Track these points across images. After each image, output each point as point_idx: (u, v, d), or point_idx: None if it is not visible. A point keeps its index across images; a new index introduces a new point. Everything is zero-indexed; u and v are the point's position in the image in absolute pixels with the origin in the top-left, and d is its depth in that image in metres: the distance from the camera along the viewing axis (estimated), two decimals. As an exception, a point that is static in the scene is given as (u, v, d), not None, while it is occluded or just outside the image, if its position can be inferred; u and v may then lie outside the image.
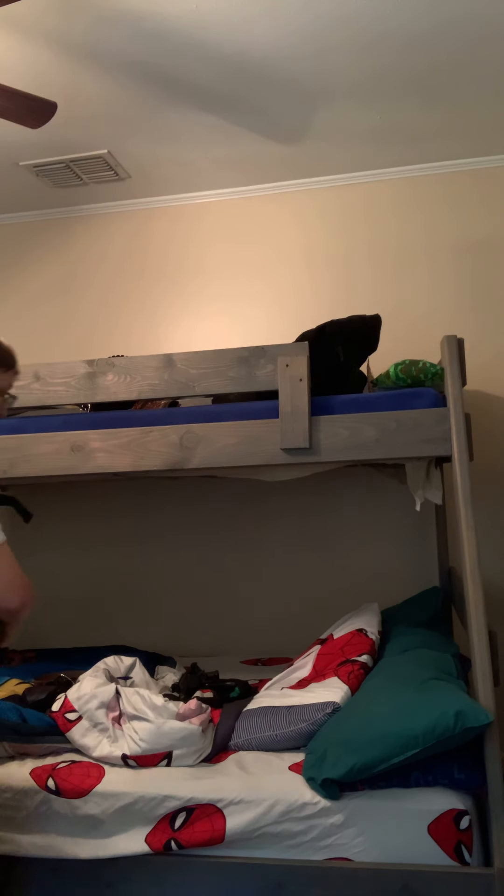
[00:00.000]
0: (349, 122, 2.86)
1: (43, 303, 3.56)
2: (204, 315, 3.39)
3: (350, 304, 3.09)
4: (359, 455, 2.16)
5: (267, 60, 2.45)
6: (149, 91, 2.62)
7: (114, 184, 3.32)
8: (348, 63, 2.48)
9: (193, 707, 1.93)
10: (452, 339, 2.17)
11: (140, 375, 2.28)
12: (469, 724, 1.63)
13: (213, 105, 2.71)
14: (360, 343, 2.49)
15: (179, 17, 2.23)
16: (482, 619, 1.90)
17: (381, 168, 3.25)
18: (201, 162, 3.14)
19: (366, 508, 3.15)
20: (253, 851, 1.69)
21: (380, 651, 2.30)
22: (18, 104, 2.29)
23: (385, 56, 2.44)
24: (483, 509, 2.94)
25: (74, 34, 2.30)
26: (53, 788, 1.80)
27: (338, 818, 1.66)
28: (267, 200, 3.39)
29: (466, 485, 2.03)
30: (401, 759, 1.63)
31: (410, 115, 2.83)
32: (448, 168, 3.22)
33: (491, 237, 3.17)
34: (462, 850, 1.62)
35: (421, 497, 2.50)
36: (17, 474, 2.35)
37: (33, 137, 2.83)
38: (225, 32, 2.31)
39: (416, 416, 2.12)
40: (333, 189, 3.33)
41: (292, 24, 2.27)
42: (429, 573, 3.01)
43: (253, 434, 2.19)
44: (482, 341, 3.08)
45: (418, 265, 3.23)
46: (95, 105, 2.70)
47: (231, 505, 3.27)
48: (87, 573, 3.37)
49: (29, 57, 2.41)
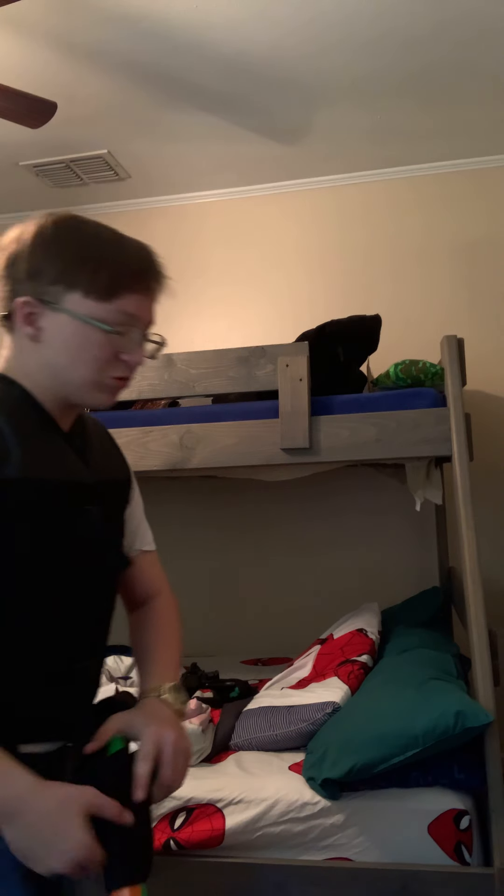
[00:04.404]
0: (348, 122, 2.86)
1: (43, 303, 3.55)
2: (204, 315, 3.38)
3: (349, 304, 3.09)
4: (359, 455, 2.16)
5: (267, 60, 2.45)
6: (149, 91, 2.62)
7: (114, 184, 3.32)
8: (347, 63, 2.48)
9: (193, 707, 1.92)
10: (452, 338, 2.17)
11: (140, 375, 2.28)
12: (469, 724, 1.63)
13: (213, 105, 2.71)
14: (360, 343, 2.49)
15: (179, 17, 2.23)
16: (482, 619, 1.90)
17: (380, 168, 3.25)
18: (201, 162, 3.14)
19: (366, 508, 3.15)
20: (253, 851, 1.69)
21: (380, 651, 2.30)
22: (18, 104, 2.29)
23: (383, 56, 2.44)
24: (483, 509, 2.93)
25: (75, 34, 2.30)
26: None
27: (338, 818, 1.66)
28: (267, 200, 3.39)
29: (466, 485, 2.03)
30: (401, 759, 1.62)
31: (409, 116, 2.83)
32: (447, 168, 3.22)
33: (490, 236, 3.17)
34: (462, 850, 1.62)
35: (421, 497, 2.50)
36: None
37: (33, 137, 2.83)
38: (225, 32, 2.30)
39: (416, 416, 2.12)
40: (333, 189, 3.33)
41: (292, 24, 2.27)
42: (429, 573, 3.01)
43: (253, 434, 2.19)
44: (482, 341, 3.08)
45: (418, 264, 3.22)
46: (95, 105, 2.70)
47: (231, 505, 3.27)
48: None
49: (29, 57, 2.41)
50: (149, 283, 1.00)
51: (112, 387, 1.00)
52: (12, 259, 0.97)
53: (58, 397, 0.99)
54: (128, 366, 1.00)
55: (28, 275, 0.95)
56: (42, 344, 0.97)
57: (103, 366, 0.97)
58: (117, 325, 0.96)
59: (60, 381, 0.98)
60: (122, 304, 0.97)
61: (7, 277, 0.97)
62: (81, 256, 0.96)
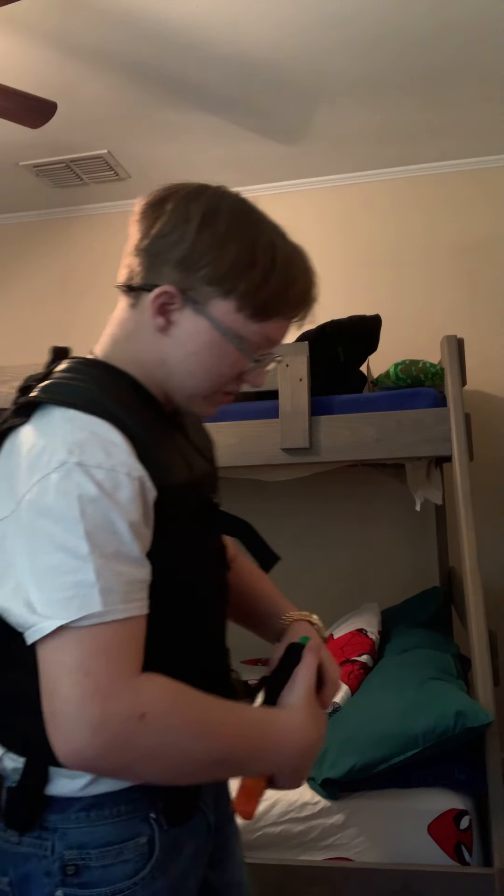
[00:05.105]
0: (349, 123, 2.86)
1: (43, 303, 3.56)
2: (204, 315, 3.38)
3: (349, 304, 3.08)
4: (359, 455, 2.16)
5: (267, 60, 2.45)
6: (149, 91, 2.62)
7: (114, 184, 3.32)
8: (348, 63, 2.48)
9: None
10: (452, 339, 2.17)
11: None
12: (469, 724, 1.63)
13: (213, 105, 2.71)
14: (361, 343, 2.48)
15: (179, 17, 2.23)
16: (482, 619, 1.90)
17: (380, 168, 3.25)
18: (201, 162, 3.14)
19: (366, 508, 3.15)
20: (252, 851, 1.69)
21: (380, 651, 2.30)
22: (18, 104, 2.29)
23: (385, 57, 2.44)
24: (483, 509, 2.93)
25: (75, 34, 2.30)
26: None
27: (338, 818, 1.66)
28: (267, 200, 3.34)
29: (466, 485, 2.03)
30: (401, 759, 1.62)
31: (409, 116, 2.82)
32: (447, 168, 3.22)
33: (491, 236, 3.17)
34: (462, 849, 1.62)
35: (421, 497, 2.50)
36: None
37: (33, 137, 2.83)
38: (225, 32, 2.30)
39: (416, 416, 2.12)
40: (333, 189, 3.33)
41: (292, 24, 2.27)
42: (429, 573, 3.01)
43: (253, 434, 2.19)
44: (482, 341, 3.07)
45: (418, 265, 3.22)
46: (95, 105, 2.70)
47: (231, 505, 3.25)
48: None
49: (29, 57, 2.41)
50: (304, 312, 0.90)
51: (219, 401, 0.92)
52: (166, 233, 0.83)
53: (162, 390, 0.88)
54: (243, 384, 0.92)
55: (181, 261, 0.83)
56: (168, 338, 0.85)
57: (225, 382, 0.89)
58: (257, 348, 0.87)
59: (173, 382, 0.87)
60: (269, 329, 0.87)
61: (153, 254, 0.84)
62: (251, 266, 0.82)
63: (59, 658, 0.71)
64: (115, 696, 0.70)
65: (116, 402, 0.80)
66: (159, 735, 0.72)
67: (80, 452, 0.73)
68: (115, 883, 0.79)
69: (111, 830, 0.80)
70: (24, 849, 0.80)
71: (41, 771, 0.79)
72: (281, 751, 0.83)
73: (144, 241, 0.86)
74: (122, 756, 0.72)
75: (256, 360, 0.88)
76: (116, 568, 0.72)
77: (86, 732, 0.69)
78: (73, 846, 0.79)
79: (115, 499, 0.73)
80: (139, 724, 0.71)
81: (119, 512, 0.73)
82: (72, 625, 0.70)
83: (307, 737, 0.85)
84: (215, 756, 0.77)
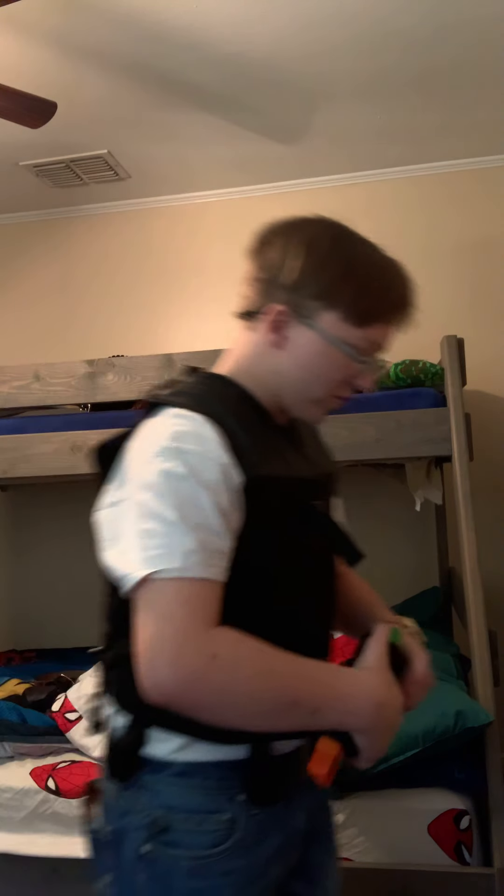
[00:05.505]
0: (350, 122, 2.86)
1: (43, 303, 3.55)
2: (204, 315, 3.38)
3: (350, 304, 3.09)
4: (359, 455, 2.16)
5: (267, 60, 2.45)
6: (149, 91, 2.62)
7: (114, 184, 3.32)
8: (349, 63, 2.48)
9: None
10: (452, 339, 2.18)
11: (140, 375, 2.28)
12: (469, 724, 1.63)
13: (213, 105, 2.71)
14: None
15: (179, 17, 2.23)
16: (482, 619, 1.90)
17: (381, 168, 3.25)
18: (201, 162, 3.14)
19: (365, 508, 3.14)
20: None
21: (380, 651, 2.29)
22: (18, 104, 2.29)
23: (386, 56, 2.44)
24: (483, 509, 2.93)
25: (75, 34, 2.30)
26: (53, 788, 1.80)
27: (338, 818, 1.65)
28: (267, 200, 3.39)
29: (466, 485, 2.03)
30: (401, 759, 1.63)
31: (411, 115, 2.82)
32: (449, 168, 3.22)
33: (493, 236, 3.17)
34: (462, 850, 1.62)
35: (421, 497, 2.50)
36: (17, 474, 2.35)
37: (33, 137, 2.83)
38: (225, 33, 2.30)
39: (416, 416, 2.12)
40: (334, 189, 3.33)
41: (293, 24, 2.27)
42: (429, 573, 3.01)
43: (253, 434, 2.19)
44: (482, 341, 3.07)
45: (420, 264, 3.18)
46: (95, 105, 2.70)
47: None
48: (87, 573, 3.36)
49: (29, 57, 2.41)
50: (403, 316, 0.98)
51: (330, 406, 1.01)
52: (278, 264, 0.95)
53: (275, 400, 0.99)
54: (354, 389, 1.00)
55: (292, 284, 0.94)
56: (282, 352, 0.96)
57: (335, 387, 0.98)
58: (364, 353, 0.96)
59: (287, 391, 0.98)
60: (373, 333, 0.96)
61: (266, 281, 0.96)
62: (350, 278, 0.94)
63: (145, 605, 0.82)
64: (192, 639, 0.80)
65: (220, 405, 0.92)
66: (230, 672, 0.81)
67: (179, 441, 0.86)
68: (195, 849, 0.88)
69: (197, 799, 0.89)
70: (123, 803, 0.92)
71: (140, 731, 0.91)
72: (353, 702, 0.87)
73: (257, 273, 0.99)
74: (197, 692, 0.80)
75: (362, 363, 0.97)
76: (199, 536, 0.83)
77: (165, 668, 0.79)
78: (163, 806, 0.89)
79: (201, 478, 0.85)
80: (212, 662, 0.80)
81: (204, 490, 0.84)
82: (155, 576, 0.81)
83: (378, 692, 0.88)
84: (285, 698, 0.84)
